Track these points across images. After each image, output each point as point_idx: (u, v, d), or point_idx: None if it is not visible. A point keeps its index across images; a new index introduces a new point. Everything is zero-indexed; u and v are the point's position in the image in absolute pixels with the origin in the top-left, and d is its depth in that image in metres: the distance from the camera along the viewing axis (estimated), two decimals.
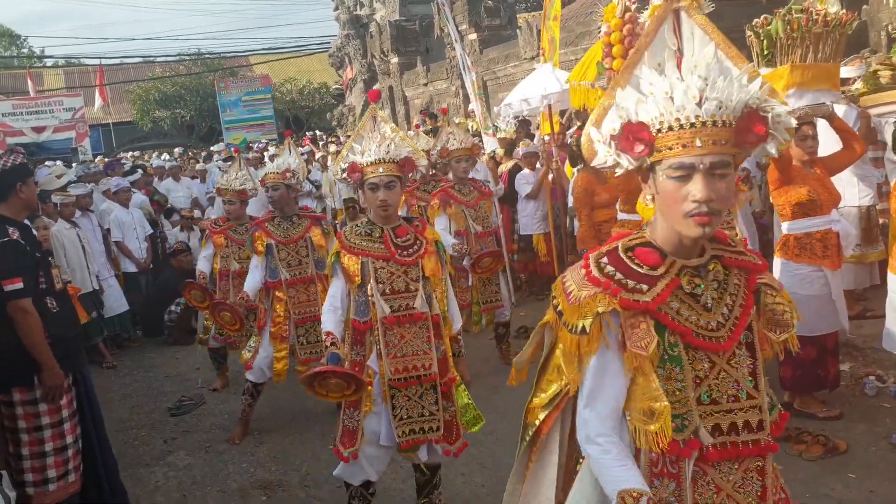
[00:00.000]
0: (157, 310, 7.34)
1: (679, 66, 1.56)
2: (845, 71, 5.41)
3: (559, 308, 1.65)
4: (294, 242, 4.61)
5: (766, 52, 3.89)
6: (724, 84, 1.47)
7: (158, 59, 35.58)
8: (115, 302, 7.12)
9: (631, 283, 1.58)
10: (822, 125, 4.19)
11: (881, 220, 5.46)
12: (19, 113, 23.26)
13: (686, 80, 1.49)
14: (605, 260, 1.63)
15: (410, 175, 3.29)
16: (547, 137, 7.22)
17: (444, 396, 3.11)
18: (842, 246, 4.04)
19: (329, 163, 11.37)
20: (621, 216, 4.73)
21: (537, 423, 1.85)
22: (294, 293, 4.61)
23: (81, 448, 3.50)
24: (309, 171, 9.88)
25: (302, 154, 10.65)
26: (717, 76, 1.49)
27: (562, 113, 8.13)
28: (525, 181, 7.32)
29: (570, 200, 6.48)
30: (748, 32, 4.00)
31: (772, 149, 1.55)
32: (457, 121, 10.88)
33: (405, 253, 3.05)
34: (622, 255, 1.63)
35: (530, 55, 13.55)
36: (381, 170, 2.94)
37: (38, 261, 3.34)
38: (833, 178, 4.24)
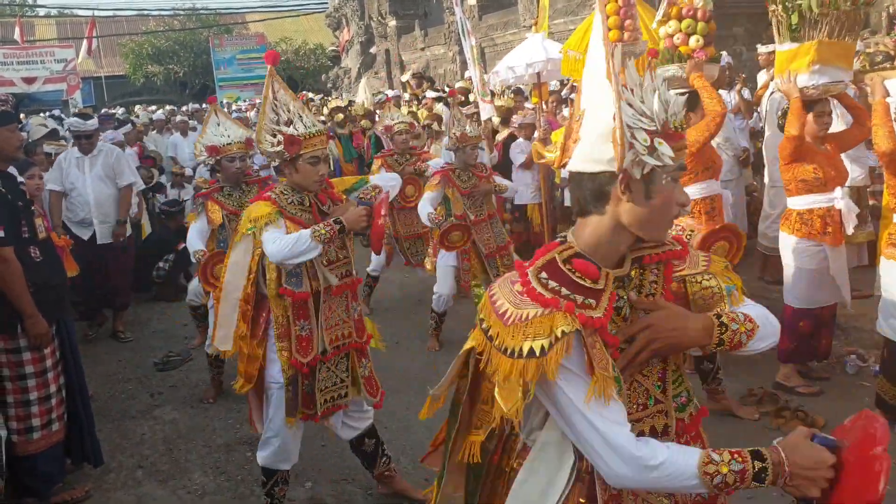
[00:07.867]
0: (147, 265, 7.31)
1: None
2: None
3: (490, 331, 1.46)
4: None
5: (794, 27, 3.81)
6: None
7: (153, 13, 35.05)
8: None
9: (579, 298, 1.45)
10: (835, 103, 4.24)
11: (871, 202, 5.48)
12: (10, 62, 22.93)
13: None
14: (544, 275, 1.48)
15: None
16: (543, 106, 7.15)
17: (363, 355, 3.15)
18: (844, 224, 4.06)
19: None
20: None
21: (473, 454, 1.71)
22: None
23: (64, 398, 3.51)
24: None
25: None
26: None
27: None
28: (520, 150, 7.28)
29: (561, 173, 6.44)
30: (773, 6, 3.90)
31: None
32: (458, 85, 10.72)
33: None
34: (562, 267, 1.49)
35: (530, 23, 13.33)
36: (321, 141, 2.88)
37: (20, 210, 3.31)
38: None
